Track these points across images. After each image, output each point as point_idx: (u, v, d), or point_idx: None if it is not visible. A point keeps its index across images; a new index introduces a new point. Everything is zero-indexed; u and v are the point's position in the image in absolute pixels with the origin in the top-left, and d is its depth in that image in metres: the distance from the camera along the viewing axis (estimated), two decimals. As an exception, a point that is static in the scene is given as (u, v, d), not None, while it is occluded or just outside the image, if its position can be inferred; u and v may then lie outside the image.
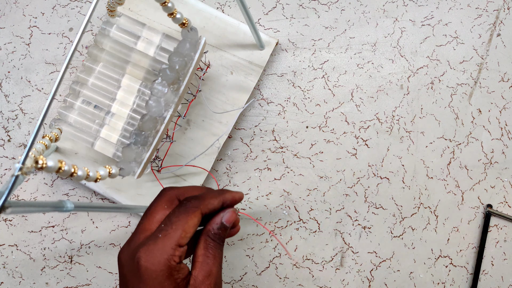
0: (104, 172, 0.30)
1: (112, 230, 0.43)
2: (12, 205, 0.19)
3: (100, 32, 0.37)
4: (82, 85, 0.37)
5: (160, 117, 0.34)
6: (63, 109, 0.37)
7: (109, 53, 0.37)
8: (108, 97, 0.37)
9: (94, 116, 0.37)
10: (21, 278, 0.42)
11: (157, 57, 0.37)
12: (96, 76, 0.37)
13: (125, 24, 0.37)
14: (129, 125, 0.37)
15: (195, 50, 0.34)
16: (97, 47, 0.37)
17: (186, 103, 0.40)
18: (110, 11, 0.35)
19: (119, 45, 0.37)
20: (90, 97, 0.37)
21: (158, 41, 0.37)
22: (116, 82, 0.37)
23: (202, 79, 0.41)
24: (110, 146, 0.36)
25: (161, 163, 0.40)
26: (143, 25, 0.37)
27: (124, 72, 0.37)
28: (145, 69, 0.37)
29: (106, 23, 0.37)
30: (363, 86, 0.44)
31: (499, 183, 0.43)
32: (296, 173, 0.43)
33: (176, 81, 0.34)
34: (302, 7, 0.45)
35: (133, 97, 0.37)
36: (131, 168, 0.34)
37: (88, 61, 0.37)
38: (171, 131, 0.40)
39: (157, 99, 0.33)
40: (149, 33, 0.37)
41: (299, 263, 0.42)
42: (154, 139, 0.34)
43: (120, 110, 0.37)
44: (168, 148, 0.41)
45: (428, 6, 0.45)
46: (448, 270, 0.43)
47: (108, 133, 0.36)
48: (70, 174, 0.25)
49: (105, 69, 0.37)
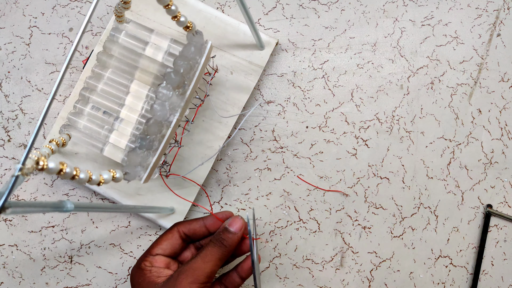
0: (108, 176, 0.29)
1: (112, 230, 0.43)
2: (12, 205, 0.19)
3: (109, 39, 0.37)
4: (91, 91, 0.37)
5: (166, 121, 0.34)
6: (72, 115, 0.37)
7: (118, 59, 0.37)
8: (117, 103, 0.37)
9: (103, 121, 0.37)
10: (21, 278, 0.42)
11: (165, 62, 0.37)
12: (105, 82, 0.37)
13: (133, 30, 0.37)
14: (138, 130, 0.37)
15: (200, 54, 0.34)
16: (106, 53, 0.37)
17: (194, 108, 0.40)
18: (117, 17, 0.36)
19: (127, 51, 0.37)
20: (99, 103, 0.37)
21: (166, 46, 0.37)
22: (125, 88, 0.37)
23: (210, 84, 0.41)
24: (119, 152, 0.36)
25: (169, 168, 0.40)
26: (151, 30, 0.38)
27: (133, 77, 0.38)
28: (153, 75, 0.37)
29: (115, 30, 0.37)
30: (363, 86, 0.44)
31: (499, 183, 0.44)
32: (296, 173, 0.43)
33: (181, 85, 0.34)
34: (302, 7, 0.45)
35: (141, 102, 0.37)
36: (137, 172, 0.33)
37: (97, 67, 0.37)
38: (179, 136, 0.40)
39: (162, 102, 0.33)
40: (157, 39, 0.37)
41: (299, 263, 0.42)
42: (160, 143, 0.34)
43: (128, 116, 0.37)
44: (176, 153, 0.41)
45: (428, 6, 0.45)
46: (448, 270, 0.43)
47: (117, 139, 0.37)
48: (71, 176, 0.25)
49: (114, 75, 0.37)
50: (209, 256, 0.32)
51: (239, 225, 0.34)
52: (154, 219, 0.41)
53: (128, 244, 0.43)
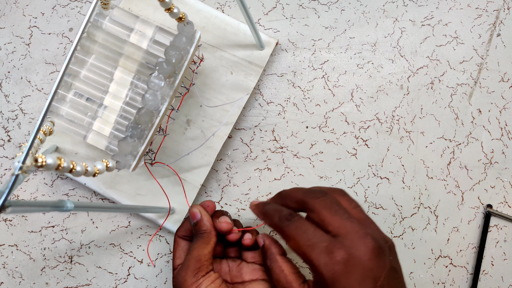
0: (102, 166, 0.30)
1: (112, 230, 0.43)
2: (12, 205, 0.19)
3: (92, 24, 0.36)
4: (74, 77, 0.36)
5: (156, 110, 0.34)
6: (55, 101, 0.36)
7: (102, 45, 0.36)
8: (100, 90, 0.36)
9: (86, 108, 0.36)
10: (21, 278, 0.42)
11: (150, 49, 0.37)
12: (88, 68, 0.36)
13: (118, 16, 0.37)
14: (122, 118, 0.36)
15: (190, 44, 0.34)
16: (89, 39, 0.36)
17: (180, 97, 0.40)
18: (103, 4, 0.35)
19: (112, 37, 0.36)
20: (82, 90, 0.36)
21: (151, 34, 0.37)
22: (109, 75, 0.37)
23: (196, 73, 0.41)
24: (103, 139, 0.36)
25: (154, 156, 0.40)
26: (137, 17, 0.37)
27: (117, 64, 0.37)
28: (138, 62, 0.36)
29: (99, 15, 0.36)
30: (363, 86, 0.44)
31: (499, 183, 0.43)
32: (296, 173, 0.43)
33: (172, 74, 0.34)
34: (302, 7, 0.45)
35: (126, 90, 0.37)
36: (127, 161, 0.34)
37: (80, 53, 0.36)
38: (164, 125, 0.40)
39: (153, 92, 0.33)
40: (142, 26, 0.37)
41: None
42: (149, 132, 0.34)
43: (112, 103, 0.36)
44: (162, 141, 0.41)
45: (428, 6, 0.45)
46: (448, 270, 0.43)
47: (100, 126, 0.36)
48: (69, 170, 0.25)
49: (98, 61, 0.36)
50: (193, 247, 0.33)
51: (194, 214, 0.35)
52: (154, 219, 0.41)
53: (128, 244, 0.43)
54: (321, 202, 0.29)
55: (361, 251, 0.26)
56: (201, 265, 0.32)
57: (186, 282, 0.31)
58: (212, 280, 0.32)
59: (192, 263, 0.32)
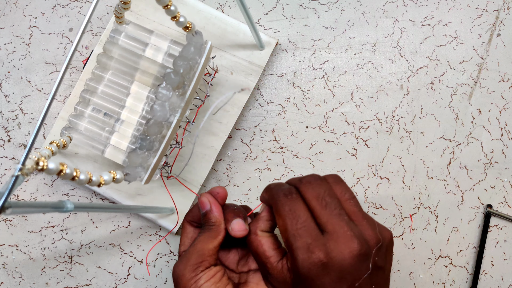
0: (108, 177, 0.29)
1: (112, 230, 0.43)
2: (12, 206, 0.19)
3: (108, 40, 0.37)
4: (92, 93, 0.37)
5: (166, 121, 0.34)
6: (73, 117, 0.37)
7: (118, 60, 0.37)
8: (117, 105, 0.37)
9: (104, 123, 0.37)
10: (21, 278, 0.42)
11: (165, 63, 0.37)
12: (105, 84, 0.38)
13: (133, 31, 0.37)
14: (138, 132, 0.37)
15: (200, 54, 0.34)
16: (106, 55, 0.37)
17: (195, 109, 0.40)
18: (117, 18, 0.36)
19: (127, 53, 0.37)
20: (100, 105, 0.37)
21: (166, 47, 0.37)
22: (125, 90, 0.38)
23: (211, 84, 0.41)
24: (120, 153, 0.37)
25: (171, 170, 0.40)
26: (151, 32, 0.38)
27: (133, 79, 0.38)
28: (153, 76, 0.37)
29: (114, 31, 0.37)
30: (363, 86, 0.44)
31: (499, 183, 0.44)
32: (296, 173, 0.43)
33: (181, 85, 0.34)
34: (302, 7, 0.45)
35: (142, 104, 0.37)
36: (137, 173, 0.33)
37: (98, 69, 0.38)
38: (180, 137, 0.40)
39: (161, 103, 0.33)
40: (157, 40, 0.37)
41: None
42: (160, 144, 0.34)
43: (129, 117, 0.37)
44: (177, 154, 0.41)
45: (428, 6, 0.45)
46: (448, 270, 0.43)
47: (118, 140, 0.37)
48: (71, 177, 0.25)
49: (114, 76, 0.38)
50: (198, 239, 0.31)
51: (203, 204, 0.32)
52: (154, 219, 0.41)
53: (128, 244, 0.43)
54: (313, 191, 0.27)
55: (343, 255, 0.25)
56: (203, 260, 0.29)
57: (184, 277, 0.29)
58: (212, 275, 0.29)
59: (194, 257, 0.30)
